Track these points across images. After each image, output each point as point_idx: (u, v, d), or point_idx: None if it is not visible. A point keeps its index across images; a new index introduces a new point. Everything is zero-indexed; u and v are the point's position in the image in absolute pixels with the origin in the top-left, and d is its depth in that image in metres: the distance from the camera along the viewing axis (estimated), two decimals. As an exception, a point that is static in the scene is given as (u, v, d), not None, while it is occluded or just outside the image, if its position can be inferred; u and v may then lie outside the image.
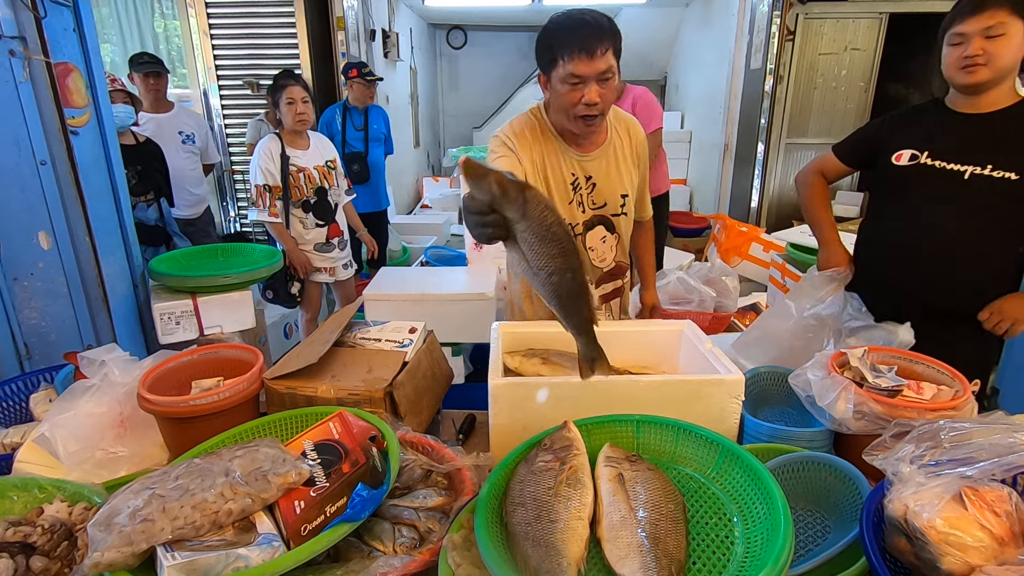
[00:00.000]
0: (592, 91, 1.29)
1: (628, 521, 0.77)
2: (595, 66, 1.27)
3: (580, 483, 0.83)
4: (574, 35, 1.26)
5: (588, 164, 1.48)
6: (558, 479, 0.83)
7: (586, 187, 1.49)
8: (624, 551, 0.73)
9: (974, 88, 1.42)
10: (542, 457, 0.89)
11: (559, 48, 1.28)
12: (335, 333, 1.37)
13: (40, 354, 1.83)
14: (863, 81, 4.33)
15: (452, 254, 4.05)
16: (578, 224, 1.52)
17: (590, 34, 1.26)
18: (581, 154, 1.47)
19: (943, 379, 1.17)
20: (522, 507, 0.81)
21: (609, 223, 1.57)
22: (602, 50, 1.26)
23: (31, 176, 1.71)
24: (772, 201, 4.69)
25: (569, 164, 1.46)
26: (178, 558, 0.75)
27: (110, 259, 1.94)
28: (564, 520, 0.77)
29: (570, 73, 1.28)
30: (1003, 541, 0.74)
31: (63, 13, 1.74)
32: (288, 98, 2.58)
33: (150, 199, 2.77)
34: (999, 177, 1.40)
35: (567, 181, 1.47)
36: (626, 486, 0.82)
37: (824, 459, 1.03)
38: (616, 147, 1.51)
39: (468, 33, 8.45)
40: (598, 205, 1.52)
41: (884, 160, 1.56)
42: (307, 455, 0.93)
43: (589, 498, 0.82)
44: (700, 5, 6.05)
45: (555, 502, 0.80)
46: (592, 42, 1.25)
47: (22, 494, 0.97)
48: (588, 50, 1.25)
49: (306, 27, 4.40)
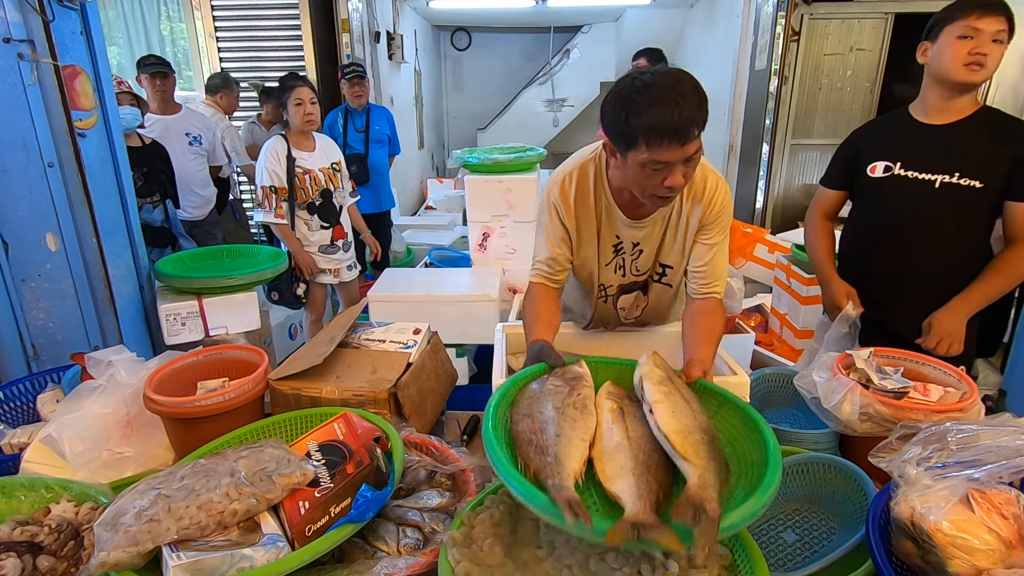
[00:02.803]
0: (677, 175, 1.09)
1: (623, 447, 0.82)
2: (684, 152, 1.06)
3: (586, 409, 0.89)
4: (664, 119, 1.03)
5: (639, 231, 1.31)
6: (566, 402, 0.89)
7: (631, 253, 1.35)
8: (616, 472, 0.78)
9: (966, 88, 1.45)
10: (553, 381, 0.95)
11: (644, 133, 1.04)
12: (340, 334, 1.38)
13: (47, 355, 1.84)
14: (868, 81, 4.31)
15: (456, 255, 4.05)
16: (612, 287, 1.41)
17: (682, 119, 1.02)
18: (633, 221, 1.30)
19: (950, 381, 1.16)
20: (529, 418, 0.87)
21: (645, 287, 1.43)
22: (694, 134, 1.05)
23: (39, 178, 1.72)
24: (777, 202, 4.67)
25: (614, 227, 1.32)
26: (183, 558, 0.75)
27: (117, 260, 1.95)
28: (568, 436, 0.82)
29: (655, 160, 1.07)
30: (1011, 544, 0.73)
31: (71, 16, 1.75)
32: (296, 99, 2.59)
33: (156, 200, 2.79)
34: (966, 185, 1.48)
35: (611, 244, 1.34)
36: (625, 419, 0.87)
37: (830, 461, 1.02)
38: (676, 215, 1.30)
39: (472, 35, 8.47)
40: (641, 272, 1.39)
41: (861, 172, 1.64)
42: (312, 456, 0.93)
43: (592, 424, 0.87)
44: (704, 6, 6.04)
45: (562, 420, 0.85)
46: (685, 129, 1.03)
47: (29, 494, 0.98)
48: (679, 139, 1.04)
49: (311, 29, 4.42)
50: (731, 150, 5.24)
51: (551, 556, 0.84)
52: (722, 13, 5.50)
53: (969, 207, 1.49)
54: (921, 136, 1.55)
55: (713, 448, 0.80)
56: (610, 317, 1.48)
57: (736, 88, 5.07)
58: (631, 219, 1.29)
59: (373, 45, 5.07)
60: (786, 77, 4.30)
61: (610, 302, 1.43)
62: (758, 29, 4.56)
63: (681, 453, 0.78)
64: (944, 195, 1.50)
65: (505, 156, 2.82)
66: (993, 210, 1.50)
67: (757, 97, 4.60)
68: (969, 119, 1.49)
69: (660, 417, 0.84)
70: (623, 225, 1.30)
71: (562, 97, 8.04)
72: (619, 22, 7.34)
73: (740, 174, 5.06)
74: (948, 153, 1.50)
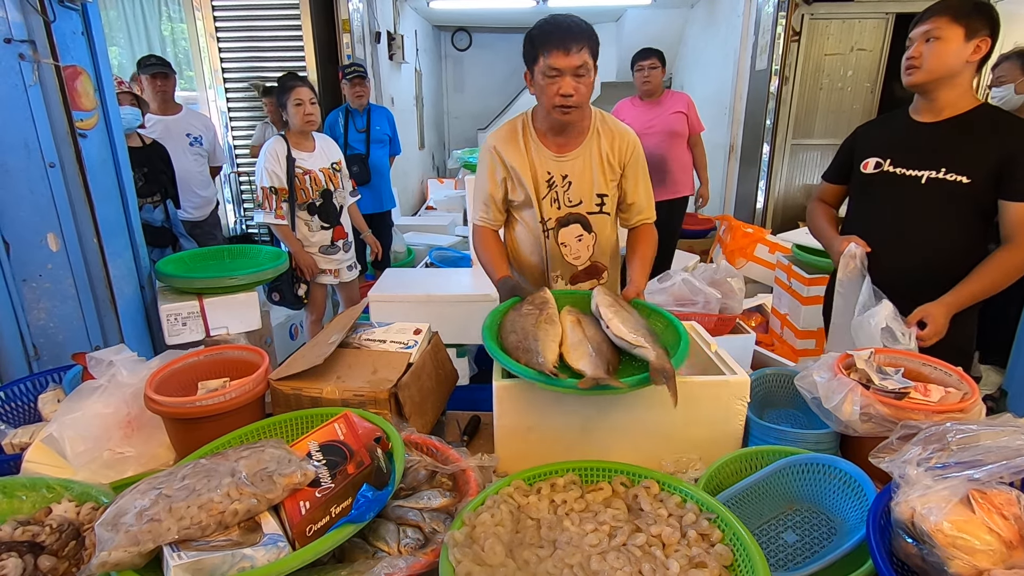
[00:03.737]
0: (567, 83, 1.44)
1: (583, 341, 1.16)
2: (571, 61, 1.42)
3: (554, 322, 1.24)
4: (554, 34, 1.43)
5: (564, 164, 1.61)
6: (539, 319, 1.23)
7: (561, 185, 1.62)
8: (579, 356, 1.13)
9: (914, 88, 1.55)
10: (526, 307, 1.30)
11: (540, 45, 1.44)
12: (340, 334, 1.38)
13: (48, 355, 1.85)
14: (869, 81, 4.31)
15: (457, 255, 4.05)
16: (551, 220, 1.65)
17: (568, 33, 1.42)
18: (558, 155, 1.60)
19: (950, 381, 1.16)
20: (514, 333, 1.21)
21: (585, 221, 1.66)
22: (577, 47, 1.41)
23: (40, 178, 1.73)
24: (778, 202, 4.67)
25: (544, 163, 1.61)
26: (184, 558, 0.75)
27: (118, 261, 1.95)
28: (544, 340, 1.16)
29: (549, 66, 1.43)
30: (1011, 544, 0.73)
31: (72, 17, 1.75)
32: (296, 99, 2.59)
33: (156, 200, 2.79)
34: (952, 180, 1.49)
35: (543, 179, 1.62)
36: (582, 325, 1.23)
37: (830, 461, 1.02)
38: (595, 150, 1.60)
39: (473, 35, 8.47)
40: (573, 203, 1.64)
41: (856, 167, 1.68)
42: (312, 456, 0.93)
43: (559, 331, 1.21)
44: (705, 6, 6.04)
45: (538, 331, 1.19)
46: (569, 40, 1.41)
47: (31, 494, 0.98)
48: (565, 47, 1.41)
49: (311, 30, 4.42)
50: (732, 150, 5.24)
51: (552, 556, 0.84)
52: (723, 13, 5.50)
53: (956, 203, 1.50)
54: (911, 133, 1.58)
55: (654, 337, 1.15)
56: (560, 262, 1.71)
57: (737, 88, 5.08)
58: (556, 154, 1.60)
59: (374, 45, 5.07)
60: (787, 77, 4.30)
61: (552, 238, 1.67)
62: (759, 29, 4.56)
63: (636, 344, 1.12)
64: (931, 191, 1.52)
65: (506, 156, 2.81)
66: (984, 208, 1.50)
67: (758, 97, 4.60)
68: (962, 116, 1.50)
69: (614, 326, 1.18)
70: (550, 160, 1.60)
71: (563, 97, 8.04)
72: (619, 22, 7.34)
73: (741, 174, 5.06)
74: (936, 149, 1.52)
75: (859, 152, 1.67)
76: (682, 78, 6.85)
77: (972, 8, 1.44)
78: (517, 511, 0.94)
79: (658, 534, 0.87)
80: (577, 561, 0.82)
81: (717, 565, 0.81)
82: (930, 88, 1.51)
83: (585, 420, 1.16)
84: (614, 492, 1.00)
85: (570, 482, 1.01)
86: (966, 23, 1.43)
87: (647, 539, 0.87)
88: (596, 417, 1.16)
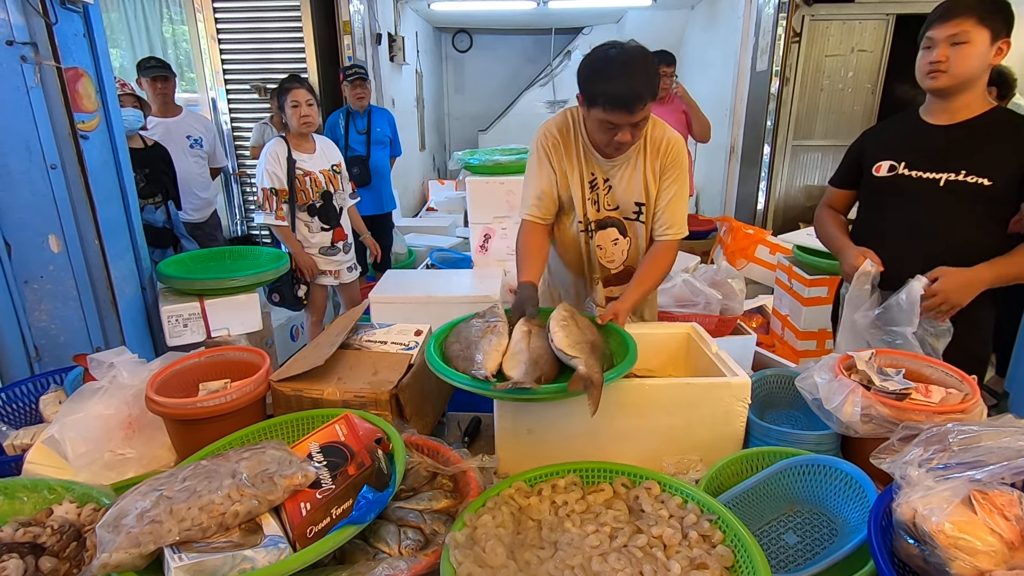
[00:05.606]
0: (625, 134, 1.38)
1: (523, 351, 1.16)
2: (632, 119, 1.33)
3: (500, 334, 1.23)
4: (616, 91, 1.30)
5: (609, 169, 1.56)
6: (484, 330, 1.24)
7: (603, 188, 1.59)
8: (514, 364, 1.13)
9: (937, 93, 1.49)
10: (475, 321, 1.31)
11: (600, 97, 1.33)
12: (341, 336, 1.38)
13: (50, 356, 1.85)
14: (870, 83, 4.30)
15: (457, 257, 4.05)
16: (592, 221, 1.63)
17: (631, 93, 1.30)
18: (605, 160, 1.55)
19: (951, 382, 1.16)
20: (457, 343, 1.22)
21: (622, 226, 1.64)
22: (640, 106, 1.31)
23: (41, 180, 1.73)
24: (778, 203, 4.66)
25: (590, 166, 1.57)
26: (185, 559, 0.75)
27: (119, 262, 1.95)
28: (485, 349, 1.16)
29: (607, 121, 1.35)
30: (1013, 545, 0.73)
31: (73, 19, 1.76)
32: (293, 101, 2.60)
33: (158, 202, 2.79)
34: (973, 183, 1.46)
35: (587, 179, 1.58)
36: (530, 337, 1.20)
37: (831, 462, 1.02)
38: (641, 160, 1.54)
39: (474, 36, 8.47)
40: (611, 207, 1.61)
41: (867, 172, 1.64)
42: (313, 457, 0.93)
43: (504, 343, 1.20)
44: (706, 7, 6.04)
45: (481, 340, 1.20)
46: (632, 102, 1.30)
47: (32, 495, 0.98)
48: (628, 108, 1.31)
49: (312, 31, 4.42)
50: (732, 151, 5.24)
51: (554, 557, 0.84)
52: (723, 14, 5.50)
53: (978, 205, 1.46)
54: (926, 136, 1.53)
55: (595, 350, 1.15)
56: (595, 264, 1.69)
57: (737, 89, 5.07)
58: (602, 157, 1.54)
59: (374, 47, 5.08)
60: (787, 78, 4.30)
61: (591, 239, 1.65)
62: (759, 30, 4.57)
63: (569, 355, 1.12)
64: (950, 194, 1.48)
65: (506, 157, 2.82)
66: (1003, 211, 1.47)
67: (758, 98, 4.60)
68: (977, 119, 1.47)
69: (557, 338, 1.17)
70: (596, 163, 1.56)
71: (563, 99, 8.03)
72: (620, 24, 7.35)
73: (741, 175, 5.06)
74: (953, 152, 1.48)
75: (869, 156, 1.63)
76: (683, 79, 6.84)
77: (995, 8, 1.39)
78: (518, 512, 0.94)
79: (659, 535, 0.87)
80: (578, 562, 0.82)
81: (718, 566, 0.81)
82: (952, 92, 1.46)
83: (586, 421, 1.16)
84: (615, 493, 1.00)
85: (571, 483, 1.01)
86: (991, 25, 1.38)
87: (648, 540, 0.87)
88: (597, 419, 1.15)
